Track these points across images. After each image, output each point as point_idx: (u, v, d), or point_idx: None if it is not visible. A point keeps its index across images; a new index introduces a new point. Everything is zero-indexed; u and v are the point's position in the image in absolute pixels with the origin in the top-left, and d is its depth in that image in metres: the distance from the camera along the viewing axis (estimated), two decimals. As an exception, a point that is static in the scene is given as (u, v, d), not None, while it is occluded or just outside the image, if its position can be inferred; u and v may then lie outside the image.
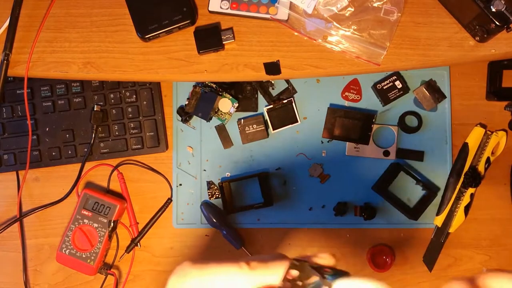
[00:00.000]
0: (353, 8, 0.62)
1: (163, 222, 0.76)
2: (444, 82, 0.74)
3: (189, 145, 0.76)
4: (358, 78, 0.75)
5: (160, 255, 0.76)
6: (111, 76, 0.65)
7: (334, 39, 0.62)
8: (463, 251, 0.74)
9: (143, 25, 0.62)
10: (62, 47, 0.65)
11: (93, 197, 0.73)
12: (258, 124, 0.74)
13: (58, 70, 0.65)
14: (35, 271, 0.76)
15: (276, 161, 0.75)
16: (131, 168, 0.76)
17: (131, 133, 0.76)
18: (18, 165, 0.76)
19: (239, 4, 0.63)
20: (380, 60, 0.62)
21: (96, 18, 0.65)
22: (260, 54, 0.63)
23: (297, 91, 0.75)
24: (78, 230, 0.73)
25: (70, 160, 0.76)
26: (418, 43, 0.63)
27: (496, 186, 0.74)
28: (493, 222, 0.74)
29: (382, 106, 0.74)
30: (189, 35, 0.63)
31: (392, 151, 0.74)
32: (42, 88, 0.76)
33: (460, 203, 0.71)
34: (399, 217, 0.73)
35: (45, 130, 0.76)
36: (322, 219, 0.74)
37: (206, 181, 0.75)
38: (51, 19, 0.65)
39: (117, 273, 0.75)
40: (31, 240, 0.76)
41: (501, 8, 0.57)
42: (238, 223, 0.75)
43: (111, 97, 0.76)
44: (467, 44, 0.62)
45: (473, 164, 0.72)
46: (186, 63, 0.64)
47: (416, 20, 0.63)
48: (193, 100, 0.73)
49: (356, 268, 0.74)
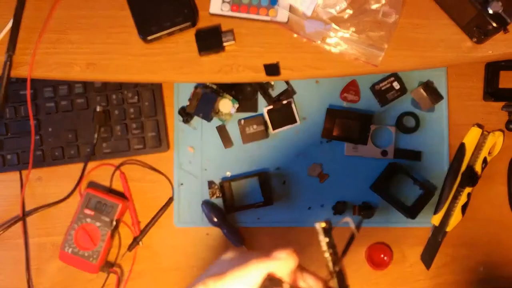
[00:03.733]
0: (352, 10, 0.62)
1: (164, 221, 0.76)
2: (442, 83, 0.75)
3: (190, 145, 0.76)
4: (357, 79, 0.75)
5: (162, 253, 0.76)
6: (113, 77, 0.65)
7: (333, 40, 0.63)
8: (460, 249, 0.74)
9: (145, 26, 0.62)
10: (65, 48, 0.64)
11: (95, 197, 0.73)
12: (258, 124, 0.75)
13: (61, 71, 0.65)
14: (38, 269, 0.76)
15: (276, 161, 0.75)
16: (133, 167, 0.77)
17: (133, 133, 0.76)
18: (21, 165, 0.76)
19: (239, 6, 0.63)
20: (378, 62, 0.62)
21: (98, 20, 0.65)
22: (260, 56, 0.63)
23: (296, 92, 0.75)
24: (80, 229, 0.73)
25: (73, 160, 0.76)
26: (416, 45, 0.62)
27: (493, 186, 0.74)
28: (490, 221, 0.74)
29: (380, 107, 0.75)
30: (190, 37, 0.63)
31: (390, 151, 0.74)
32: (45, 89, 0.76)
33: (457, 202, 0.71)
34: (397, 216, 0.74)
35: (48, 130, 0.76)
36: (320, 218, 0.74)
37: (207, 180, 0.76)
38: (54, 20, 0.64)
39: (119, 271, 0.76)
40: (34, 239, 0.77)
41: (499, 10, 0.57)
42: (238, 222, 0.75)
43: (113, 97, 0.76)
44: (464, 45, 0.62)
45: (470, 164, 0.72)
46: (187, 64, 0.64)
47: (414, 22, 0.63)
48: (194, 101, 0.73)
49: (354, 267, 0.74)
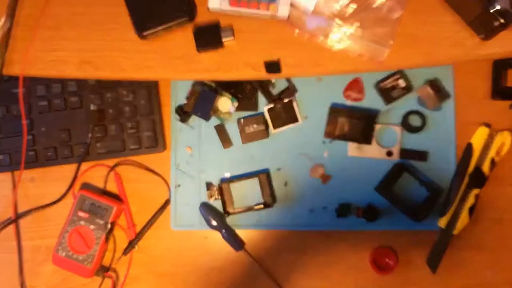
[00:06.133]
0: (356, 5, 0.61)
1: (161, 223, 0.75)
2: (448, 81, 0.73)
3: (188, 145, 0.75)
4: (361, 76, 0.74)
5: (158, 257, 0.75)
6: (108, 75, 0.65)
7: (335, 37, 0.62)
8: (467, 253, 0.73)
9: (141, 22, 0.62)
10: (59, 46, 0.64)
11: (89, 198, 0.72)
12: (258, 123, 0.74)
13: (55, 69, 0.64)
14: (32, 272, 0.76)
15: (277, 161, 0.74)
16: (129, 168, 0.76)
17: (129, 133, 0.75)
18: (14, 166, 0.76)
19: (239, 1, 0.62)
20: (383, 58, 0.62)
21: (93, 16, 0.64)
22: (260, 53, 0.63)
23: (298, 90, 0.74)
24: (74, 232, 0.72)
25: (66, 161, 0.76)
26: (421, 41, 0.62)
27: (501, 187, 0.73)
28: (498, 223, 0.73)
29: (385, 105, 0.73)
30: (188, 33, 0.63)
31: (395, 151, 0.73)
32: (37, 87, 0.75)
33: (464, 204, 0.71)
34: (402, 219, 0.72)
35: (41, 130, 0.76)
36: (323, 220, 0.73)
37: (205, 181, 0.75)
38: (48, 17, 0.64)
39: (115, 275, 0.75)
40: (27, 241, 0.76)
41: (506, 6, 0.56)
42: (237, 225, 0.74)
43: (108, 96, 0.75)
44: (470, 42, 0.62)
45: (477, 164, 0.71)
46: (185, 62, 0.63)
47: (419, 18, 0.62)
48: (192, 99, 0.72)
49: (359, 271, 0.73)
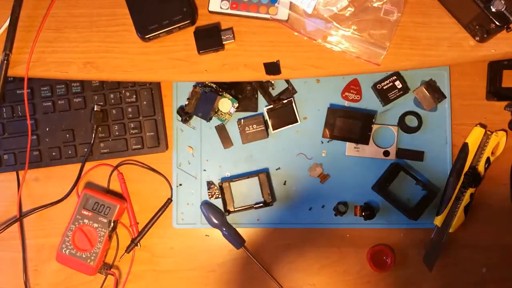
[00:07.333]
0: (353, 8, 0.62)
1: (163, 222, 0.75)
2: (444, 82, 0.74)
3: (189, 145, 0.76)
4: (358, 78, 0.74)
5: (160, 255, 0.76)
6: (111, 76, 0.65)
7: (334, 39, 0.62)
8: (463, 251, 0.74)
9: (143, 25, 0.62)
10: (62, 47, 0.64)
11: (93, 197, 0.73)
12: (258, 124, 0.74)
13: (58, 70, 0.65)
14: (35, 271, 0.76)
15: (276, 161, 0.75)
16: (131, 168, 0.76)
17: (131, 133, 0.76)
18: (18, 165, 0.76)
19: (239, 4, 0.62)
20: (380, 60, 0.62)
21: (96, 18, 0.65)
22: (260, 54, 0.63)
23: (297, 91, 0.75)
24: (78, 230, 0.72)
25: (70, 160, 0.76)
26: (418, 43, 0.62)
27: (496, 186, 0.74)
28: (493, 222, 0.74)
29: (382, 106, 0.74)
30: (189, 35, 0.63)
31: (392, 151, 0.74)
32: (42, 88, 0.76)
33: (460, 203, 0.71)
34: (399, 217, 0.73)
35: (45, 130, 0.76)
36: (322, 219, 0.74)
37: (206, 181, 0.75)
38: (51, 19, 0.65)
39: (117, 273, 0.75)
40: (31, 240, 0.76)
41: (501, 8, 0.57)
42: (238, 223, 0.75)
43: (111, 97, 0.75)
44: (467, 44, 0.62)
45: (473, 164, 0.72)
46: (186, 63, 0.64)
47: (416, 20, 0.63)
48: (193, 100, 0.73)
49: (356, 269, 0.74)
